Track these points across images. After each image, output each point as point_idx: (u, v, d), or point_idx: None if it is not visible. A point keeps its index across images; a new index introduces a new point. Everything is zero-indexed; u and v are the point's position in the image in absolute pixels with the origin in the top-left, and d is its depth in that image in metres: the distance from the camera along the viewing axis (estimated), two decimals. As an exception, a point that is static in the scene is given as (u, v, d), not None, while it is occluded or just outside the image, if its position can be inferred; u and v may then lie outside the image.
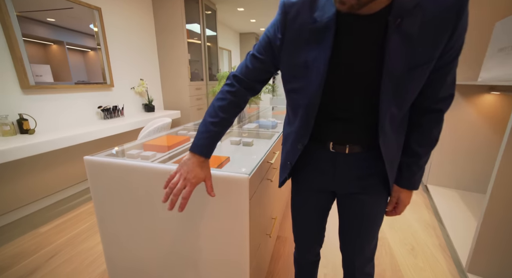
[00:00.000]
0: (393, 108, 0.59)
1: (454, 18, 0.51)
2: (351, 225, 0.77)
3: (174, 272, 0.95)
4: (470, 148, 1.96)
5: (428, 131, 0.67)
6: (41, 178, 1.92)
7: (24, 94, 1.72)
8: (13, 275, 1.28)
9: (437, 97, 0.62)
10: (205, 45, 3.54)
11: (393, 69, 0.55)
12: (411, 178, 0.71)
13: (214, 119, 0.69)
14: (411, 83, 0.57)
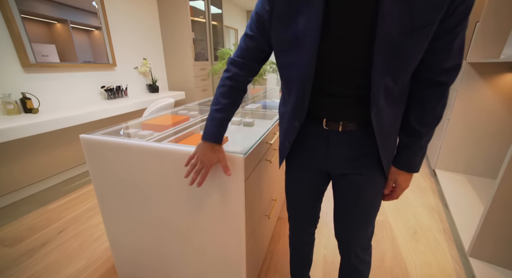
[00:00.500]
0: (387, 79, 0.54)
1: None
2: (345, 209, 0.74)
3: (171, 248, 0.96)
4: (484, 131, 1.86)
5: (430, 108, 0.60)
6: (48, 156, 1.96)
7: (25, 73, 1.71)
8: (27, 246, 1.35)
9: (441, 67, 0.55)
10: (210, 24, 3.41)
11: (388, 34, 0.49)
12: (410, 159, 0.65)
13: (217, 106, 0.70)
14: (408, 50, 0.51)
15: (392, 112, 0.60)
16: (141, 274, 1.08)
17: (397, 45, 0.50)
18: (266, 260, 1.27)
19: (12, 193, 1.74)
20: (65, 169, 2.11)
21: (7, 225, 1.51)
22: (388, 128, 0.62)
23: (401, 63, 0.52)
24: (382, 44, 0.50)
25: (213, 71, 1.53)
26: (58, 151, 2.03)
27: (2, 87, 1.60)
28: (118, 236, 1.04)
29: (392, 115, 0.61)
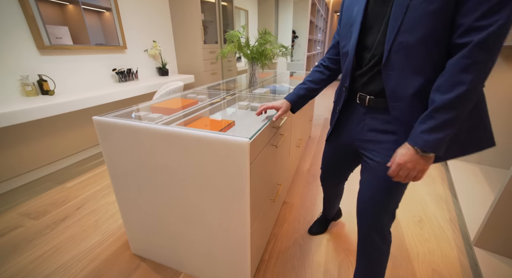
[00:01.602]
0: (401, 37, 0.60)
1: None
2: (364, 183, 0.80)
3: (179, 227, 1.02)
4: (503, 120, 1.78)
5: (451, 72, 0.54)
6: (64, 137, 2.05)
7: (41, 55, 1.75)
8: (49, 220, 1.45)
9: (469, 26, 0.52)
10: (220, 4, 3.31)
11: (397, 9, 0.60)
12: (417, 129, 0.60)
13: (302, 83, 0.98)
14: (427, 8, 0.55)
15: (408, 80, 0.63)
16: (152, 250, 1.15)
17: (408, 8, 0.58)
18: (271, 242, 1.32)
19: (33, 171, 1.85)
20: (80, 150, 2.20)
21: (30, 200, 1.62)
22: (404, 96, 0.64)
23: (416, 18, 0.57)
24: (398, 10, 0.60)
25: (222, 54, 1.51)
26: (73, 132, 2.11)
27: (20, 69, 1.65)
28: (130, 215, 1.10)
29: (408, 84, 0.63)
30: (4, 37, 1.56)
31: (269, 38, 1.45)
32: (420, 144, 0.59)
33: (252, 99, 1.37)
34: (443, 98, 0.55)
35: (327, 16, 6.60)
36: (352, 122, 0.84)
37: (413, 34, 0.58)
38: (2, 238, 1.31)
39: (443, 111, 0.56)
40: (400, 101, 0.65)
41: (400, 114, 0.66)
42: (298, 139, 1.83)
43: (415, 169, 0.62)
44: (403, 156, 0.63)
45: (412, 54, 0.60)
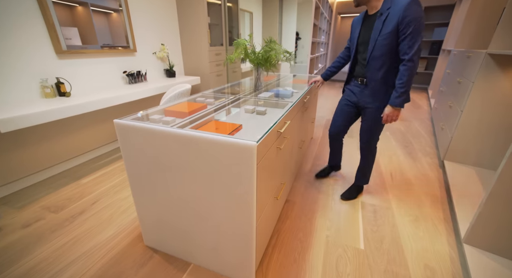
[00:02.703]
0: (375, 52, 1.34)
1: (400, 14, 1.18)
2: (363, 126, 1.56)
3: (190, 222, 1.11)
4: (499, 125, 1.85)
5: (399, 72, 1.27)
6: (78, 136, 2.16)
7: (58, 59, 1.86)
8: (67, 213, 1.57)
9: (403, 51, 1.24)
10: (225, 6, 3.40)
11: (373, 37, 1.33)
12: (392, 98, 1.31)
13: (330, 67, 1.77)
14: (383, 42, 1.29)
15: (378, 73, 1.37)
16: (164, 242, 1.25)
17: (377, 40, 1.30)
18: (273, 237, 1.41)
19: (50, 167, 1.96)
20: (93, 148, 2.31)
21: (49, 194, 1.74)
22: (376, 80, 1.39)
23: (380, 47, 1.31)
24: (372, 39, 1.33)
25: (228, 60, 1.60)
26: (87, 131, 2.23)
27: (40, 72, 1.77)
28: (145, 209, 1.20)
29: (378, 74, 1.37)
30: (28, 43, 1.67)
31: (274, 46, 1.54)
32: (393, 103, 1.31)
33: (257, 104, 1.46)
34: (398, 83, 1.27)
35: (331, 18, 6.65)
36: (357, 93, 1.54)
37: (378, 52, 1.33)
38: (28, 228, 1.42)
39: (400, 88, 1.27)
40: (374, 82, 1.41)
41: (374, 88, 1.42)
42: (300, 141, 1.92)
43: (394, 116, 1.36)
44: (389, 111, 1.35)
45: (378, 60, 1.34)
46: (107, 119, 2.41)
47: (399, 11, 1.16)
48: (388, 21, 1.22)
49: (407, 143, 2.80)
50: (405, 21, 1.16)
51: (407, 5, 1.14)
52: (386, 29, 1.24)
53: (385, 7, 1.24)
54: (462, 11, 4.02)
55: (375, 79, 1.37)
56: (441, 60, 4.82)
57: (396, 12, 1.18)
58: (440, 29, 5.64)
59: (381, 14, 1.26)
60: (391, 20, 1.21)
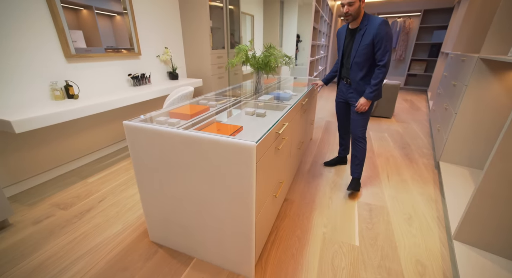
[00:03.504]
0: (356, 59, 1.68)
1: (374, 31, 1.55)
2: (350, 117, 1.86)
3: (193, 217, 1.18)
4: (491, 127, 1.91)
5: (375, 74, 1.62)
6: (84, 137, 2.23)
7: (67, 63, 1.94)
8: (76, 210, 1.64)
9: (378, 59, 1.58)
10: (227, 8, 3.48)
11: (354, 47, 1.67)
12: (366, 93, 1.68)
13: (330, 72, 2.08)
14: (362, 51, 1.63)
15: (359, 73, 1.71)
16: (169, 237, 1.32)
17: (357, 50, 1.66)
18: (272, 233, 1.48)
19: (59, 166, 2.04)
20: (99, 148, 2.39)
21: (58, 192, 1.82)
22: (357, 80, 1.74)
23: (361, 55, 1.65)
24: (354, 49, 1.68)
25: (230, 65, 1.67)
26: (93, 132, 2.30)
27: (51, 76, 1.85)
28: (151, 206, 1.27)
29: (360, 75, 1.71)
30: (39, 48, 1.76)
31: (273, 51, 1.61)
32: (368, 97, 1.67)
33: (257, 106, 1.54)
34: (373, 82, 1.63)
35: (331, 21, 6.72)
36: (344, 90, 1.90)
37: (359, 59, 1.67)
38: (40, 224, 1.50)
39: (374, 86, 1.63)
40: (356, 82, 1.75)
41: (356, 86, 1.76)
42: (299, 142, 1.99)
43: (365, 105, 1.71)
44: (363, 101, 1.70)
45: (359, 65, 1.69)
46: (112, 121, 2.49)
47: (374, 29, 1.53)
48: (366, 36, 1.58)
49: (405, 144, 2.86)
50: (378, 37, 1.53)
51: (379, 25, 1.52)
52: (364, 42, 1.59)
53: (363, 24, 1.59)
54: (460, 14, 4.08)
55: (356, 79, 1.73)
56: (440, 63, 4.88)
57: (372, 29, 1.55)
58: (439, 32, 5.71)
59: (360, 29, 1.61)
60: (368, 35, 1.57)
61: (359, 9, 1.54)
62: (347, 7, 1.53)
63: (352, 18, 1.58)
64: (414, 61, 6.33)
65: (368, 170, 2.26)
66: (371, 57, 1.62)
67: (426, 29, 5.95)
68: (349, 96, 1.84)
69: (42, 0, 1.73)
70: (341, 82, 1.92)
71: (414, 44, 6.12)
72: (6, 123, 1.42)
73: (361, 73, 1.69)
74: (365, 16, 1.59)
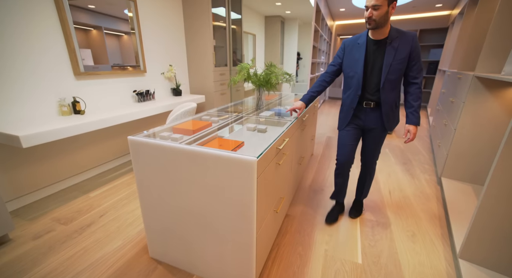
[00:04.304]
0: (390, 75, 1.39)
1: (412, 44, 1.34)
2: (368, 146, 1.63)
3: (194, 233, 1.18)
4: (491, 142, 1.93)
5: (414, 94, 1.41)
6: (86, 152, 2.27)
7: (76, 80, 2.02)
8: (77, 225, 1.64)
9: (414, 76, 1.41)
10: (230, 28, 3.63)
11: (387, 61, 1.37)
12: (413, 119, 1.42)
13: (312, 90, 1.63)
14: (398, 66, 1.38)
15: (391, 95, 1.44)
16: (168, 253, 1.30)
17: (390, 66, 1.37)
18: (273, 250, 1.45)
19: (61, 181, 2.06)
20: (101, 163, 2.41)
21: (60, 207, 1.82)
22: (389, 103, 1.45)
23: (394, 71, 1.39)
24: (385, 65, 1.38)
25: (232, 82, 1.73)
26: (96, 146, 2.34)
27: (60, 92, 1.92)
28: (151, 220, 1.27)
29: (391, 96, 1.45)
30: (51, 67, 1.84)
31: (274, 69, 1.67)
32: (417, 122, 1.42)
33: (258, 122, 1.57)
34: (416, 103, 1.41)
35: (330, 39, 6.96)
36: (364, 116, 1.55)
37: (393, 76, 1.39)
38: (39, 239, 1.49)
39: (418, 108, 1.42)
40: (387, 104, 1.46)
41: (386, 110, 1.47)
42: (299, 157, 2.00)
43: (416, 134, 1.44)
44: (413, 129, 1.43)
45: (393, 83, 1.42)
46: (115, 136, 2.53)
47: (410, 41, 1.33)
48: (401, 48, 1.34)
49: (406, 160, 2.86)
50: (416, 50, 1.34)
51: (415, 38, 1.35)
52: (401, 55, 1.34)
53: (393, 35, 1.34)
54: (454, 34, 4.23)
55: (388, 101, 1.44)
56: (437, 80, 4.98)
57: (407, 41, 1.33)
58: (435, 50, 5.87)
59: (392, 41, 1.34)
60: (404, 47, 1.33)
61: (386, 16, 1.27)
62: (371, 10, 1.26)
63: (375, 25, 1.29)
64: (412, 78, 6.47)
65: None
66: (403, 74, 1.41)
67: (423, 48, 6.13)
68: (370, 122, 1.53)
69: (56, 22, 1.84)
70: (359, 106, 1.54)
71: (412, 61, 6.28)
72: (14, 138, 1.46)
73: (393, 94, 1.43)
74: (393, 28, 1.35)
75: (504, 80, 1.74)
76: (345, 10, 5.65)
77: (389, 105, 1.45)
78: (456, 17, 4.16)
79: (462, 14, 3.80)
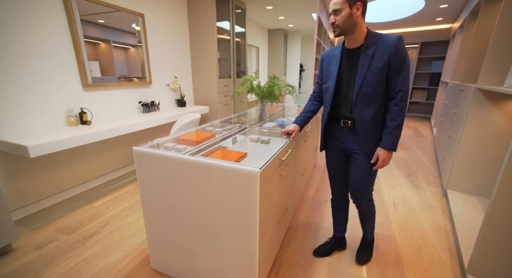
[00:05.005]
0: (364, 88, 1.15)
1: (391, 49, 1.08)
2: (352, 178, 1.31)
3: (197, 244, 1.17)
4: (495, 154, 1.91)
5: (392, 111, 1.14)
6: (91, 162, 2.29)
7: (84, 91, 2.08)
8: (79, 235, 1.64)
9: (395, 89, 1.13)
10: (234, 41, 3.73)
11: (360, 72, 1.15)
12: (385, 141, 1.16)
13: (304, 112, 1.44)
14: (373, 77, 1.13)
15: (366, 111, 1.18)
16: (170, 265, 1.29)
17: (364, 77, 1.14)
18: (276, 263, 1.43)
19: (65, 191, 2.07)
20: (105, 173, 2.43)
21: (63, 217, 1.82)
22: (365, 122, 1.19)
23: (367, 84, 1.14)
24: (359, 76, 1.15)
25: (235, 94, 1.77)
26: (100, 156, 2.37)
27: (68, 103, 1.97)
28: (154, 230, 1.27)
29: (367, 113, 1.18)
30: (61, 79, 1.91)
31: (277, 82, 1.71)
32: (389, 147, 1.16)
33: (261, 133, 1.59)
34: (393, 123, 1.14)
35: (333, 51, 7.07)
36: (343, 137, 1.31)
37: (368, 88, 1.15)
38: (42, 249, 1.49)
39: (395, 130, 1.14)
40: (363, 123, 1.19)
41: (363, 130, 1.20)
42: (303, 168, 2.00)
43: (388, 160, 1.19)
44: (382, 155, 1.17)
45: (368, 97, 1.16)
46: (120, 146, 2.57)
47: (390, 45, 1.08)
48: (378, 55, 1.10)
49: (410, 171, 2.83)
50: (398, 55, 1.07)
51: (398, 41, 1.07)
52: (378, 63, 1.10)
53: (370, 41, 1.12)
54: (456, 46, 4.28)
55: (365, 119, 1.17)
56: (440, 91, 5.00)
57: (386, 47, 1.08)
58: (437, 62, 5.92)
59: (366, 48, 1.13)
60: (381, 54, 1.09)
61: (350, 20, 1.10)
62: (333, 16, 1.13)
63: (340, 31, 1.13)
64: (415, 89, 6.49)
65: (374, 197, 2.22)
66: (383, 87, 1.13)
67: (425, 60, 6.19)
68: (350, 146, 1.28)
69: (67, 36, 1.92)
70: (334, 125, 1.32)
71: (414, 73, 6.33)
72: (22, 148, 1.49)
73: (371, 110, 1.16)
74: (370, 33, 1.14)
75: (507, 93, 1.75)
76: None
77: (365, 123, 1.18)
78: (457, 31, 4.22)
79: (463, 28, 3.86)
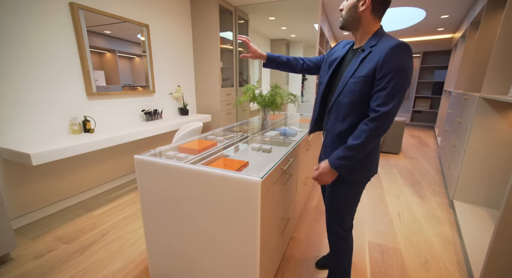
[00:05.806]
0: (341, 97, 0.99)
1: (380, 58, 0.88)
2: (326, 199, 1.17)
3: (197, 254, 1.14)
4: (502, 164, 1.87)
5: (358, 129, 0.93)
6: (92, 170, 2.30)
7: (88, 100, 2.10)
8: (78, 245, 1.62)
9: (374, 104, 0.90)
10: (237, 51, 3.78)
11: (344, 77, 0.99)
12: (333, 155, 0.97)
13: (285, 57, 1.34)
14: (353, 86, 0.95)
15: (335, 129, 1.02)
16: (170, 275, 1.26)
17: (347, 83, 0.97)
18: (278, 275, 1.39)
19: (66, 199, 2.07)
20: (106, 181, 2.43)
21: (63, 225, 1.81)
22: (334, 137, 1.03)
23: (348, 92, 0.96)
24: (341, 81, 1.00)
25: (238, 103, 1.77)
26: (100, 165, 2.37)
27: (72, 111, 2.00)
28: (154, 239, 1.24)
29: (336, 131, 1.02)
30: (66, 88, 1.94)
31: (279, 91, 1.71)
32: (332, 162, 0.97)
33: (263, 142, 1.58)
34: (350, 142, 0.92)
35: (335, 61, 7.14)
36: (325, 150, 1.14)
37: (345, 97, 0.98)
38: (40, 258, 1.47)
39: (349, 149, 0.93)
40: (332, 136, 1.04)
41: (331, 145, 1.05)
42: (305, 177, 1.98)
43: (327, 177, 1.00)
44: (323, 168, 1.00)
45: (342, 108, 0.99)
46: (122, 154, 2.57)
47: (381, 52, 0.88)
48: (368, 62, 0.92)
49: (415, 181, 2.78)
50: (386, 66, 0.86)
51: (391, 49, 0.85)
52: (361, 72, 0.92)
53: (369, 43, 0.94)
54: (458, 56, 4.29)
55: (333, 133, 1.02)
56: (444, 100, 4.98)
57: (378, 53, 0.89)
58: (439, 71, 5.94)
59: (362, 51, 0.96)
60: (369, 61, 0.91)
61: (352, 12, 0.95)
62: (344, 1, 1.01)
63: (342, 22, 1.01)
64: (418, 98, 6.48)
65: (378, 207, 2.18)
66: (363, 99, 0.93)
67: (427, 69, 6.21)
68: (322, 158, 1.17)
69: (74, 47, 1.96)
70: (323, 133, 1.16)
71: (417, 82, 6.33)
72: (25, 156, 1.50)
73: (344, 124, 0.99)
74: (376, 34, 0.96)
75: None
76: (348, 34, 5.86)
77: (334, 137, 1.02)
78: (459, 40, 4.25)
79: (464, 38, 3.89)
